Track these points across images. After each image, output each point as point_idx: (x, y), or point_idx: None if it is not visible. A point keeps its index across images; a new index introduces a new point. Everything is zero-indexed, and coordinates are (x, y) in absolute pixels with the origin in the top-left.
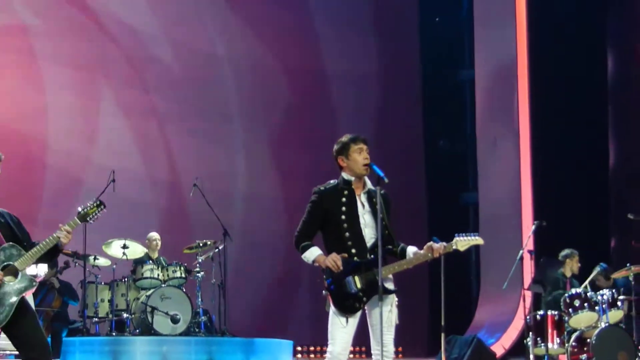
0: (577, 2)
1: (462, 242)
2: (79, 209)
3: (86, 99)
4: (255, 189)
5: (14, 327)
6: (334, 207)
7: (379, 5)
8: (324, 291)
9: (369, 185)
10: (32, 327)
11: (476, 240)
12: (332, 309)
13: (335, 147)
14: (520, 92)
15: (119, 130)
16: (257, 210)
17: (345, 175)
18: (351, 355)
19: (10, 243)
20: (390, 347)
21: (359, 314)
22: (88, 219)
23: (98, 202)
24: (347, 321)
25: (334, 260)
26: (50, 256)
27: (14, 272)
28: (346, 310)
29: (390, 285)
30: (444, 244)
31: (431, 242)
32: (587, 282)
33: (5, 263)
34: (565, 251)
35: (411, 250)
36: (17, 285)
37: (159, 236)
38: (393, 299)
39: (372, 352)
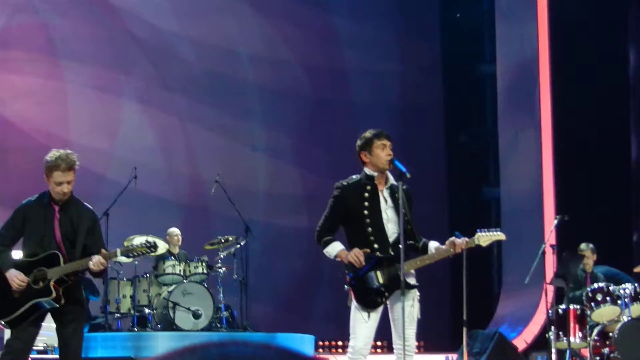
0: None
1: (484, 238)
2: (128, 244)
3: (108, 97)
4: (276, 185)
5: (59, 330)
6: (356, 202)
7: (400, 1)
8: (345, 286)
9: (392, 180)
10: (68, 337)
11: (498, 235)
12: (354, 304)
13: (359, 142)
14: (541, 87)
15: (141, 127)
16: (278, 205)
17: (367, 170)
18: (373, 350)
19: (54, 252)
20: (412, 342)
21: (380, 308)
22: (131, 254)
23: (150, 244)
24: (369, 316)
25: (357, 256)
26: (93, 274)
27: (44, 278)
28: (368, 305)
29: (412, 280)
30: (466, 239)
31: (453, 238)
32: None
33: (40, 268)
34: (580, 246)
35: (433, 245)
36: (38, 291)
37: (179, 231)
38: (415, 293)
39: (394, 346)
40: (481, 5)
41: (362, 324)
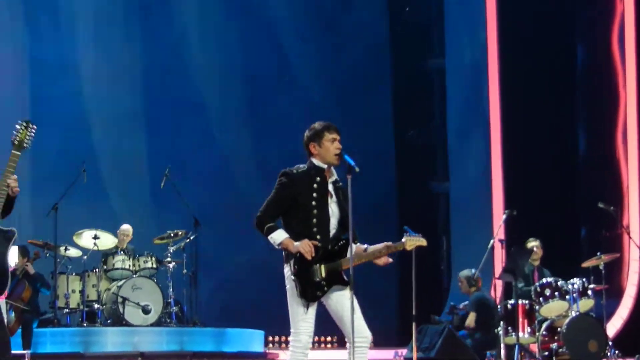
0: None
1: (411, 241)
2: (12, 139)
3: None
4: (226, 179)
5: None
6: (305, 191)
7: None
8: (292, 276)
9: (335, 175)
10: None
11: (421, 241)
12: (294, 297)
13: (308, 133)
14: (490, 81)
15: (89, 120)
16: (227, 200)
17: (315, 161)
18: (323, 345)
19: None
20: (367, 333)
21: (316, 303)
22: (24, 144)
23: (25, 123)
24: (307, 309)
25: (309, 247)
26: (9, 208)
27: None
28: (308, 297)
29: (345, 276)
30: (390, 243)
31: (388, 243)
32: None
33: None
34: (529, 240)
35: (362, 248)
36: None
37: (131, 229)
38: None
39: (348, 341)
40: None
41: (303, 319)
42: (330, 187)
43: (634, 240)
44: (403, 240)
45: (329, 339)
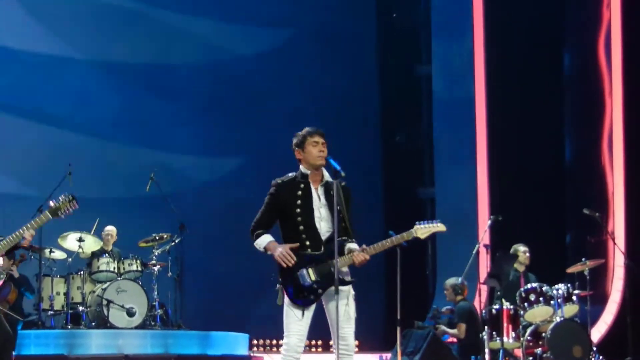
0: None
1: (423, 230)
2: (51, 203)
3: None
4: (212, 183)
5: None
6: (289, 199)
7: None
8: (277, 285)
9: (327, 177)
10: None
11: (438, 227)
12: (286, 302)
13: (294, 140)
14: (477, 87)
15: (75, 122)
16: (213, 203)
17: (302, 168)
18: (313, 350)
19: None
20: (350, 341)
21: (313, 306)
22: (59, 213)
23: (71, 197)
24: (303, 314)
25: (285, 256)
26: (10, 251)
27: None
28: (301, 302)
29: (347, 277)
30: (390, 238)
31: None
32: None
33: None
34: (516, 246)
35: (352, 246)
36: None
37: (115, 230)
38: (350, 291)
39: (333, 347)
40: (418, 6)
41: (296, 322)
42: (320, 191)
43: (619, 246)
44: (413, 229)
45: (313, 342)
